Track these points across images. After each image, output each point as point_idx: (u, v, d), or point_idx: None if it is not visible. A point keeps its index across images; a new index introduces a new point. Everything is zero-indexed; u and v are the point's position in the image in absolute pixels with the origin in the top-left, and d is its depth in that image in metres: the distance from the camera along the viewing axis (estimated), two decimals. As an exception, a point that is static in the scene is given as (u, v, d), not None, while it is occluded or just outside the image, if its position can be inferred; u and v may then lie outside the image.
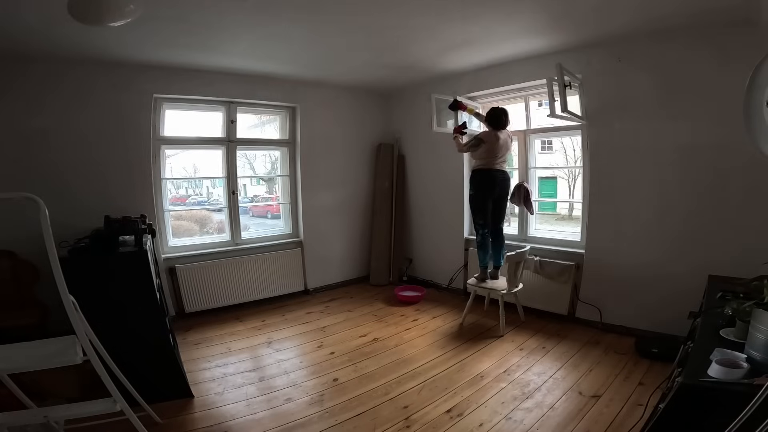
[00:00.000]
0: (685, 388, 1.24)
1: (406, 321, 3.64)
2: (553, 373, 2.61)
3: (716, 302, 1.86)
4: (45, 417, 1.60)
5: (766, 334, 1.25)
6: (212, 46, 2.99)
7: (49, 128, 3.04)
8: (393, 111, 4.95)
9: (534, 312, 3.59)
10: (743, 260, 2.22)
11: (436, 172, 4.50)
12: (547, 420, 2.11)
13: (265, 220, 5.25)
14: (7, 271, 2.81)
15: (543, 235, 3.80)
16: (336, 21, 2.60)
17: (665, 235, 2.94)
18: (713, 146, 2.67)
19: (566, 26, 2.76)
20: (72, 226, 2.53)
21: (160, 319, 2.35)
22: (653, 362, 2.67)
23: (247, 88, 3.87)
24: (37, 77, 2.97)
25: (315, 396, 2.41)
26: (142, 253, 2.26)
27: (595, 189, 3.27)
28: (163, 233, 3.67)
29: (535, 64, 3.35)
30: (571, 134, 3.75)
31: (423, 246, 4.81)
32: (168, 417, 2.15)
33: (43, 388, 2.09)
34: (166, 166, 3.73)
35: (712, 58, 2.61)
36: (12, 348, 1.63)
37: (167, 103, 3.62)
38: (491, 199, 3.36)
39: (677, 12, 2.42)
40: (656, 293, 2.97)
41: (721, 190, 2.68)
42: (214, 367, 2.78)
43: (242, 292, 3.98)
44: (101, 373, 1.59)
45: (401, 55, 3.40)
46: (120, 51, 2.95)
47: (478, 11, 2.48)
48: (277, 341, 3.22)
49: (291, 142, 4.39)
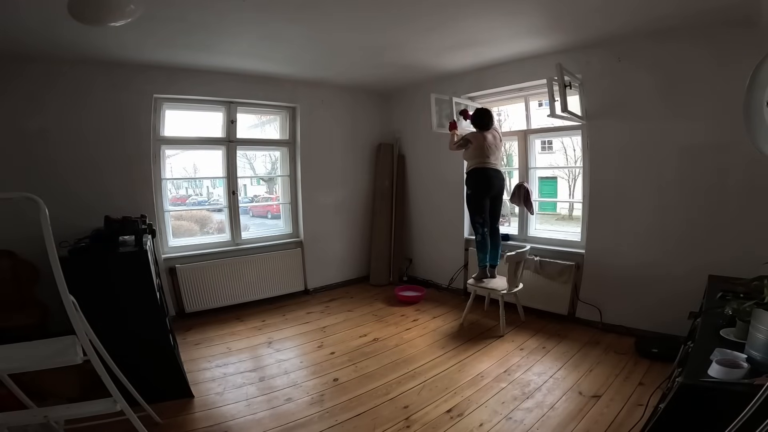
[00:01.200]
0: (685, 388, 1.24)
1: (407, 321, 3.64)
2: (554, 373, 2.61)
3: (716, 302, 1.86)
4: (45, 417, 1.60)
5: (766, 334, 1.25)
6: (212, 46, 2.99)
7: (49, 128, 3.04)
8: (393, 111, 4.94)
9: (534, 312, 3.59)
10: (743, 260, 2.22)
11: (436, 172, 4.50)
12: (547, 420, 2.11)
13: (265, 220, 5.25)
14: (7, 271, 2.81)
15: (543, 235, 3.80)
16: (336, 21, 2.59)
17: (665, 235, 2.94)
18: (713, 146, 2.67)
19: (566, 26, 2.76)
20: (72, 226, 2.53)
21: (160, 319, 2.35)
22: (653, 362, 2.66)
23: (247, 88, 3.87)
24: (37, 77, 2.97)
25: (315, 396, 2.41)
26: (142, 253, 2.26)
27: (595, 189, 3.27)
28: (163, 233, 3.67)
29: (535, 63, 3.35)
30: (571, 134, 3.75)
31: (423, 246, 4.81)
32: (168, 417, 2.15)
33: (43, 388, 2.09)
34: (166, 166, 3.73)
35: (712, 57, 2.61)
36: (12, 348, 1.63)
37: (167, 103, 3.62)
38: (488, 197, 3.39)
39: (677, 12, 2.41)
40: (656, 293, 2.97)
41: (721, 190, 2.68)
42: (215, 367, 2.78)
43: (242, 292, 3.98)
44: (101, 373, 1.59)
45: (401, 55, 3.40)
46: (120, 51, 2.95)
47: (478, 11, 2.48)
48: (278, 341, 3.22)
49: (291, 142, 4.39)
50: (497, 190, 3.42)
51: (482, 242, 3.42)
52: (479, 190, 3.37)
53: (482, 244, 3.43)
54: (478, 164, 3.34)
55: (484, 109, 3.45)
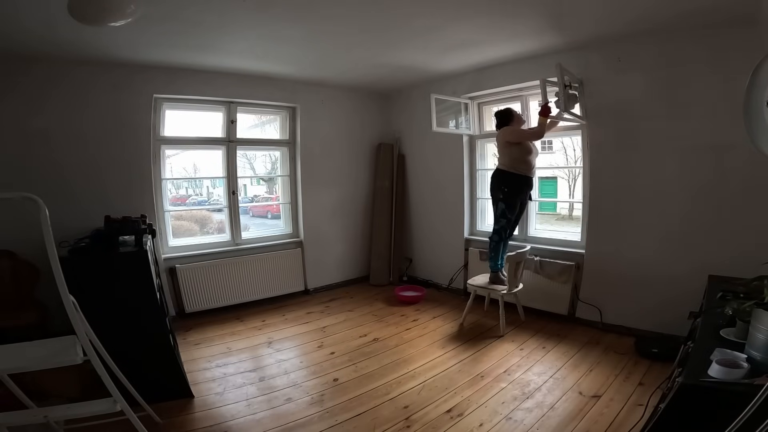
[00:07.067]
0: (685, 388, 1.24)
1: (406, 321, 3.64)
2: (554, 373, 2.61)
3: (716, 302, 1.86)
4: (45, 417, 1.59)
5: (766, 334, 1.25)
6: (212, 46, 2.99)
7: (50, 128, 3.04)
8: (393, 111, 4.94)
9: (534, 312, 3.59)
10: (743, 260, 2.22)
11: (436, 172, 4.50)
12: (547, 420, 2.11)
13: (265, 220, 5.25)
14: (7, 271, 2.81)
15: (543, 235, 3.80)
16: (336, 21, 2.60)
17: (665, 234, 2.94)
18: (713, 146, 2.67)
19: (566, 26, 2.76)
20: (72, 226, 2.53)
21: (160, 319, 2.35)
22: (653, 362, 2.66)
23: (247, 88, 3.87)
24: (38, 78, 2.97)
25: (315, 396, 2.41)
26: (143, 253, 2.26)
27: (595, 189, 3.27)
28: (163, 233, 3.67)
29: (536, 63, 3.34)
30: (571, 134, 3.75)
31: (423, 246, 4.80)
32: (168, 417, 2.15)
33: (43, 388, 2.09)
34: (166, 166, 3.73)
35: (712, 57, 2.61)
36: (12, 348, 1.63)
37: (167, 103, 3.62)
38: (520, 198, 3.36)
39: (677, 11, 2.41)
40: (656, 293, 2.97)
41: (721, 189, 2.68)
42: (215, 367, 2.78)
43: (242, 292, 3.97)
44: (101, 373, 1.59)
45: (401, 55, 3.40)
46: (120, 51, 2.95)
47: (478, 12, 2.48)
48: (278, 341, 3.22)
49: (291, 142, 4.39)
50: (526, 194, 3.41)
51: (498, 245, 3.37)
52: (517, 190, 3.31)
53: (498, 247, 3.38)
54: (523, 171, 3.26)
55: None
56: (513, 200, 3.32)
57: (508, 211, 3.32)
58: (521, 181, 3.29)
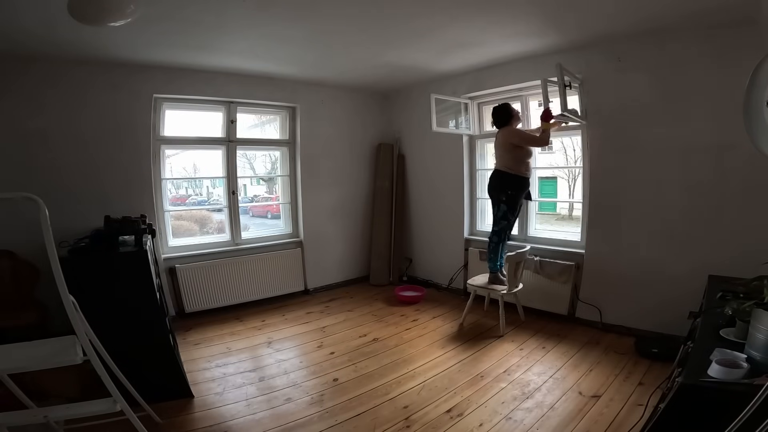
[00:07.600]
0: (685, 388, 1.24)
1: (406, 321, 3.64)
2: (553, 373, 2.61)
3: (716, 302, 1.86)
4: (45, 417, 1.60)
5: (766, 334, 1.25)
6: (212, 46, 2.99)
7: (49, 128, 3.03)
8: (393, 111, 4.94)
9: (534, 312, 3.59)
10: (743, 260, 2.22)
11: (436, 172, 4.49)
12: (547, 420, 2.11)
13: (265, 220, 5.25)
14: (7, 271, 2.81)
15: (543, 235, 3.80)
16: (336, 21, 2.59)
17: (665, 234, 2.94)
18: (713, 146, 2.67)
19: (566, 26, 2.76)
20: (72, 226, 2.53)
21: (160, 319, 2.35)
22: (653, 362, 2.66)
23: (247, 88, 3.87)
24: (37, 77, 2.97)
25: (315, 396, 2.41)
26: (142, 253, 2.26)
27: (594, 189, 3.27)
28: (163, 233, 3.67)
29: (535, 63, 3.34)
30: (571, 134, 3.75)
31: (423, 246, 4.80)
32: (168, 417, 2.15)
33: (43, 388, 2.09)
34: (166, 166, 3.73)
35: (712, 57, 2.61)
36: (12, 348, 1.63)
37: (167, 103, 3.62)
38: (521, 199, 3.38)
39: (677, 11, 2.41)
40: (656, 293, 2.97)
41: (721, 189, 2.68)
42: (214, 367, 2.78)
43: (242, 292, 3.97)
44: (101, 373, 1.59)
45: (401, 55, 3.40)
46: (119, 51, 2.95)
47: (478, 12, 2.48)
48: (277, 341, 3.22)
49: (291, 142, 4.39)
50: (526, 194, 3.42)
51: (498, 246, 3.38)
52: (520, 192, 3.33)
53: (497, 248, 3.38)
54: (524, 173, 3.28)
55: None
56: (516, 202, 3.33)
57: (510, 213, 3.33)
58: (524, 182, 3.31)
